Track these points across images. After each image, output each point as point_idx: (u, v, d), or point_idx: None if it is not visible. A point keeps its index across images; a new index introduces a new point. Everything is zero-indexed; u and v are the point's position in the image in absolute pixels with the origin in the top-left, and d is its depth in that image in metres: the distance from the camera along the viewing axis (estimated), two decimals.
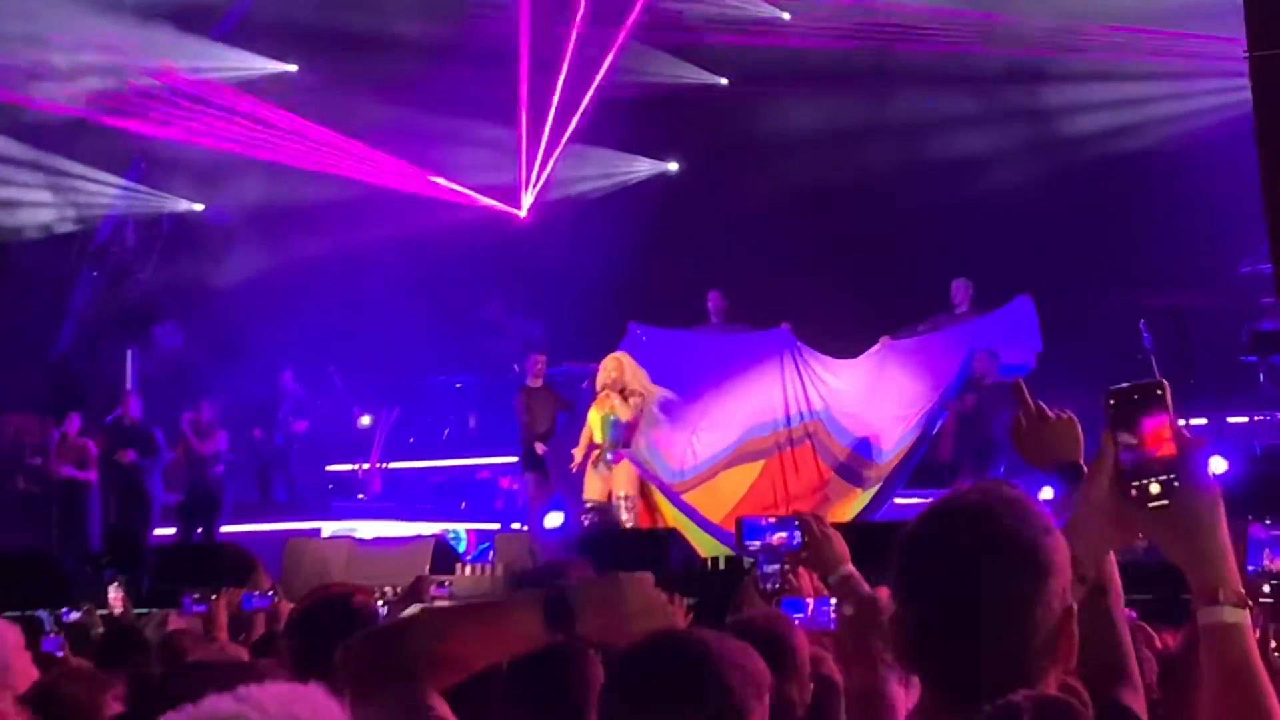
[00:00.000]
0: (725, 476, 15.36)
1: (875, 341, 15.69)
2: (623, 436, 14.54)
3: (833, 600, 4.86)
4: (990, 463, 14.80)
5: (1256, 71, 11.17)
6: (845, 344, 15.99)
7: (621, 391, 14.72)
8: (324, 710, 2.00)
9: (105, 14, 18.24)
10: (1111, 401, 2.32)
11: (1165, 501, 2.23)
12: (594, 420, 14.77)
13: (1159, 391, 2.30)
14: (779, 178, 19.43)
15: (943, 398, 15.11)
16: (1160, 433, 2.26)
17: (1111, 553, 2.67)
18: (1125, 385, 2.34)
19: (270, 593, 7.50)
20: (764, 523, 5.27)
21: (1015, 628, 2.16)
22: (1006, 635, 2.17)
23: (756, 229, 19.08)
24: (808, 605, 4.79)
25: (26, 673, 3.64)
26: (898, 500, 14.79)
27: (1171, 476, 2.23)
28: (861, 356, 15.80)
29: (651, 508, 14.89)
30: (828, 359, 15.94)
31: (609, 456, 14.49)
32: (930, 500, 2.39)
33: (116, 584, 9.26)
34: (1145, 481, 2.24)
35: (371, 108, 19.72)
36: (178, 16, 18.73)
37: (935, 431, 15.25)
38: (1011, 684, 2.13)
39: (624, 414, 14.67)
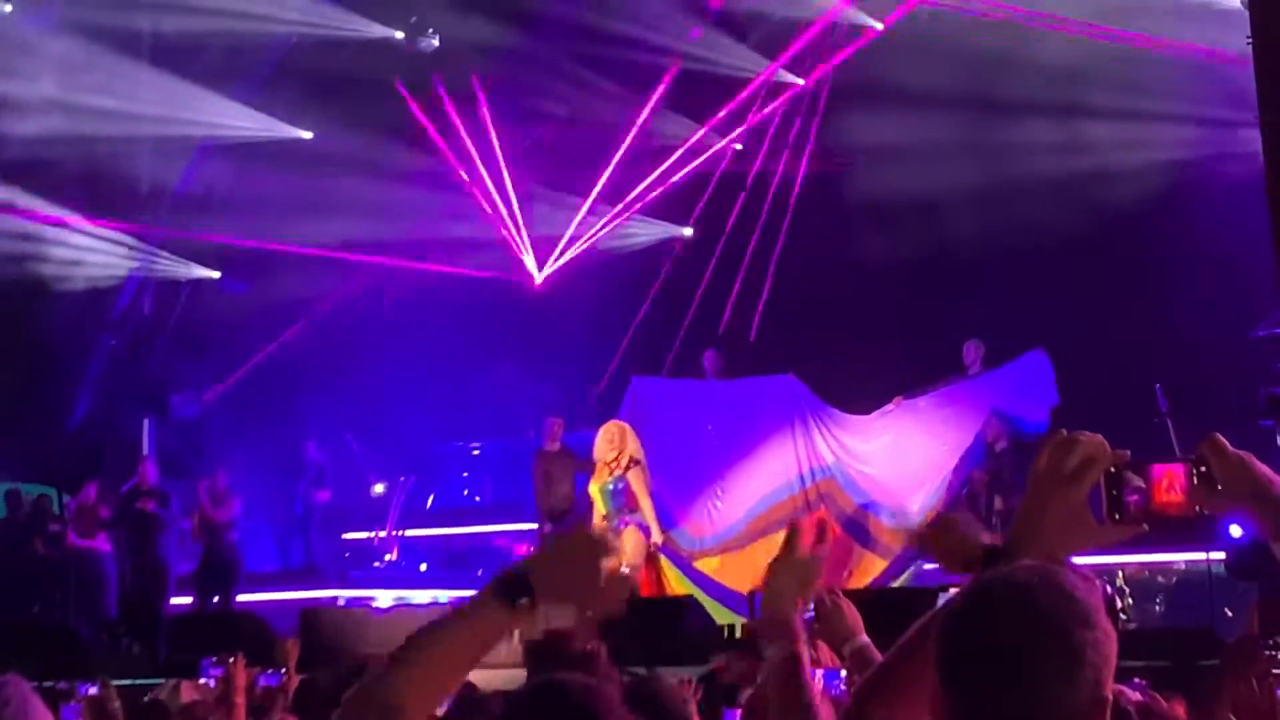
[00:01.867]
0: (747, 552, 15.33)
1: (887, 403, 15.71)
2: (625, 504, 14.54)
3: (843, 672, 4.87)
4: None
5: (1268, 135, 11.23)
6: (856, 410, 16.02)
7: (623, 461, 14.70)
8: None
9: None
10: (1112, 470, 2.50)
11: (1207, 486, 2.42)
12: (594, 492, 14.78)
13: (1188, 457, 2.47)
14: (790, 241, 19.49)
15: (966, 466, 15.04)
16: (1168, 481, 2.44)
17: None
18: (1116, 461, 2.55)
19: (281, 670, 7.50)
20: None
21: (1039, 709, 2.20)
22: (1030, 716, 2.20)
23: (765, 292, 19.14)
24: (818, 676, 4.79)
25: None
26: (928, 566, 14.71)
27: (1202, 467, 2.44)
28: (874, 414, 15.80)
29: (658, 575, 14.88)
30: (838, 413, 15.96)
31: (615, 525, 14.51)
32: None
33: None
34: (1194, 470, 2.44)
35: (389, 176, 19.86)
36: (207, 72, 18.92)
37: (960, 496, 15.16)
38: None
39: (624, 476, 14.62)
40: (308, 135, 20.07)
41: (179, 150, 19.57)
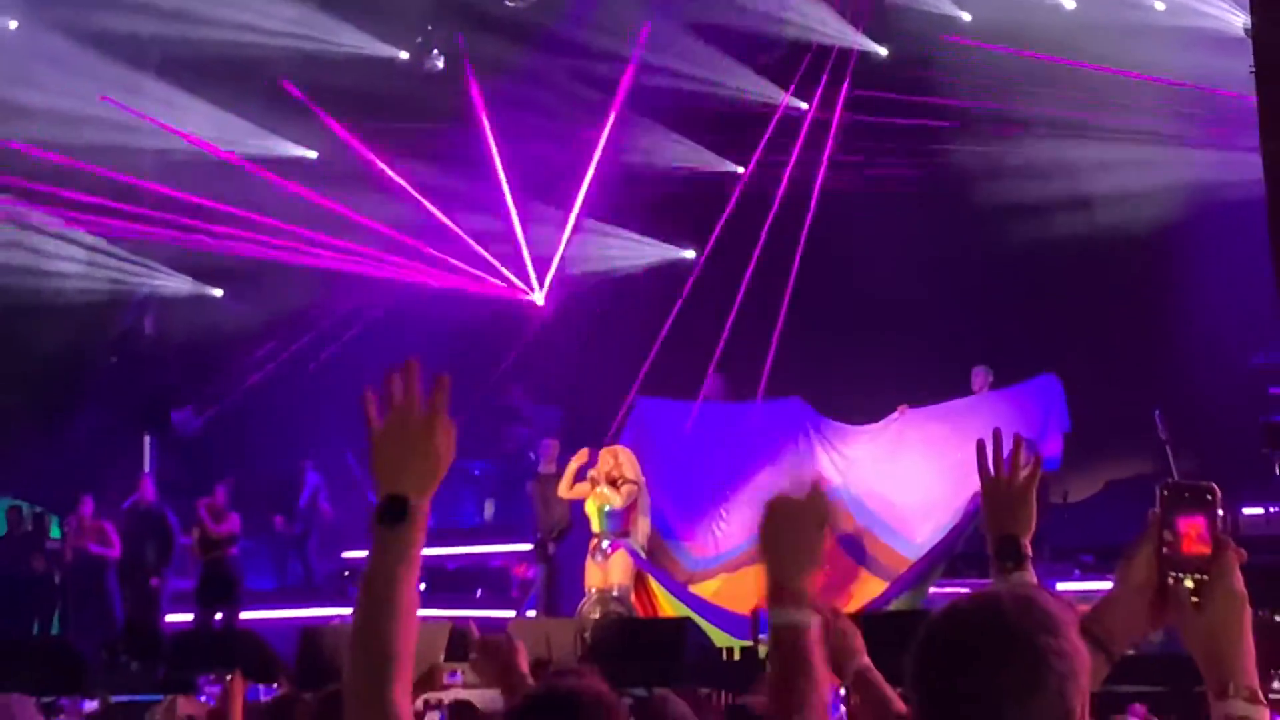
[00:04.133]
0: (750, 572, 15.29)
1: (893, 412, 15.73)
2: (620, 526, 14.59)
3: (842, 691, 4.87)
4: (1035, 553, 14.67)
5: (1269, 163, 11.28)
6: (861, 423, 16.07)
7: (613, 482, 14.79)
8: None
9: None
10: (1165, 493, 2.46)
11: (1197, 598, 2.39)
12: (591, 511, 14.87)
13: (1208, 496, 2.45)
14: (792, 262, 19.51)
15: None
16: (1194, 532, 2.41)
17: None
18: (1179, 481, 2.49)
19: (274, 685, 7.53)
20: None
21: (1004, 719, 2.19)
22: None
23: (770, 315, 19.14)
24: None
25: None
26: (935, 590, 14.68)
27: (1203, 576, 2.39)
28: (879, 424, 15.79)
29: (648, 599, 14.90)
30: (844, 426, 15.95)
31: (605, 545, 14.56)
32: (968, 590, 2.44)
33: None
34: (1181, 575, 2.40)
35: (389, 196, 19.91)
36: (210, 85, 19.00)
37: (968, 523, 15.11)
38: None
39: (616, 502, 14.76)
40: (312, 155, 20.11)
41: (181, 163, 19.55)
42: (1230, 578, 2.40)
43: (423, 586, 18.17)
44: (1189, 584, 2.40)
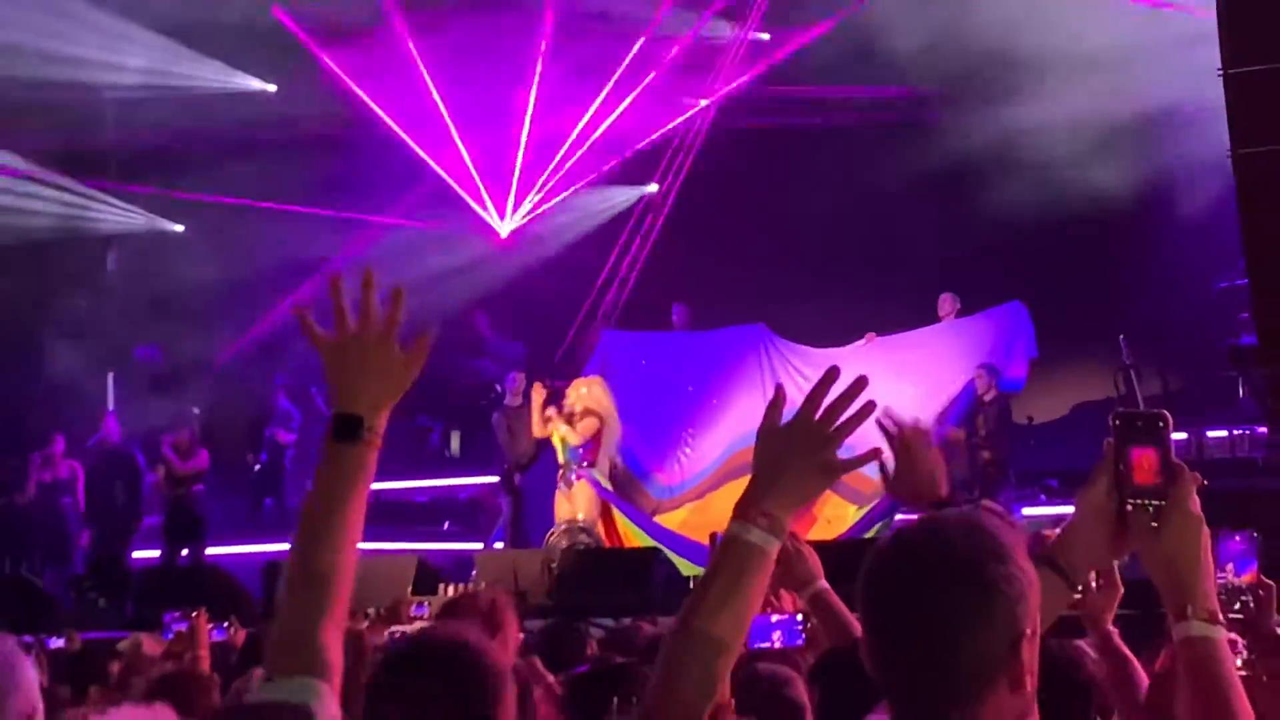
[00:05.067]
0: (716, 497, 15.34)
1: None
2: (583, 457, 14.60)
3: (799, 616, 4.89)
4: (1001, 477, 14.82)
5: (1230, 89, 11.32)
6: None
7: (569, 417, 14.77)
8: None
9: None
10: (1117, 423, 2.49)
11: (1155, 524, 2.45)
12: (555, 440, 14.90)
13: (1160, 424, 2.48)
14: (761, 195, 19.46)
15: (951, 421, 15.02)
16: (1147, 463, 2.45)
17: None
18: (1131, 411, 2.53)
19: (226, 625, 7.57)
20: None
21: (955, 645, 2.18)
22: (946, 652, 2.18)
23: (735, 246, 19.11)
24: (775, 622, 4.81)
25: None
26: (901, 517, 14.74)
27: (1158, 503, 2.44)
28: (846, 348, 15.75)
29: (614, 531, 14.92)
30: (808, 349, 15.92)
31: (571, 476, 14.57)
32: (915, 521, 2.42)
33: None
34: (1139, 502, 2.46)
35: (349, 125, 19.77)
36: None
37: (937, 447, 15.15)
38: (955, 701, 2.19)
39: (573, 439, 14.74)
40: (272, 88, 19.94)
41: (145, 102, 19.35)
42: (1187, 503, 2.45)
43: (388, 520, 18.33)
44: (1148, 510, 2.45)
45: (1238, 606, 3.68)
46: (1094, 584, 3.75)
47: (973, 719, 2.19)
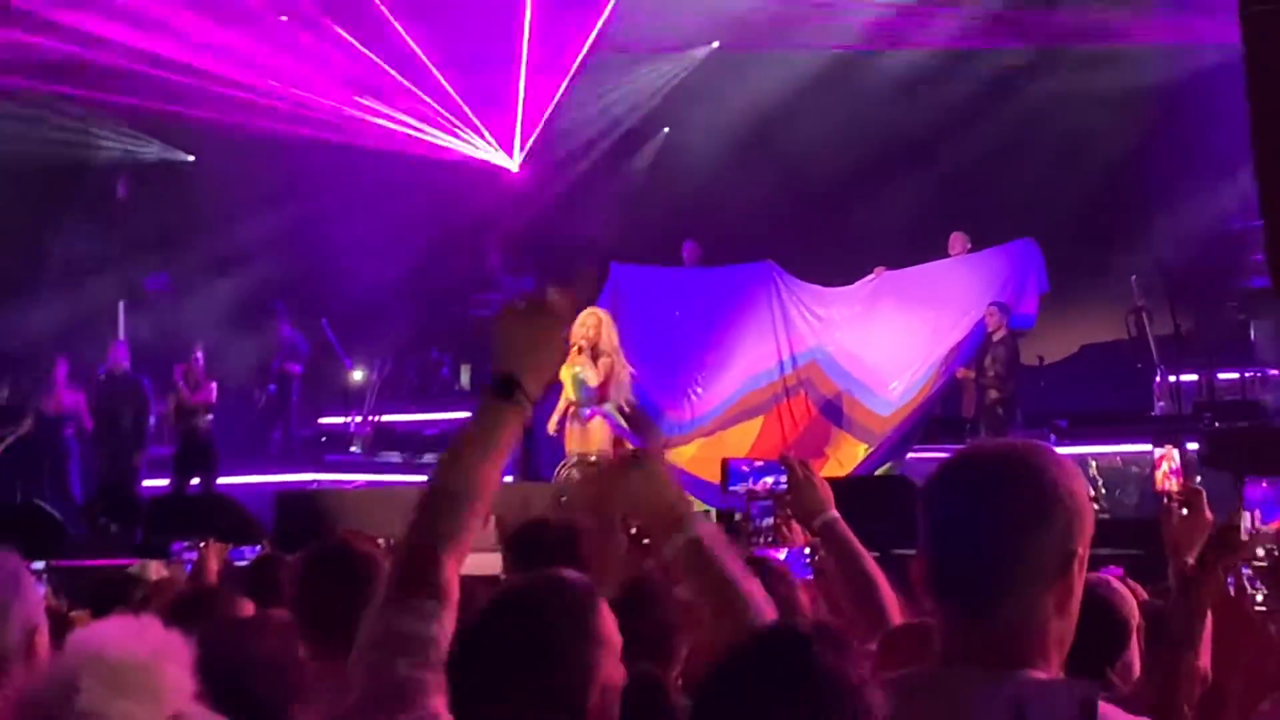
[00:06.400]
0: (727, 435, 15.35)
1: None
2: (593, 396, 14.46)
3: (807, 549, 4.89)
4: (1009, 417, 14.83)
5: (1249, 26, 11.16)
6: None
7: (594, 351, 14.34)
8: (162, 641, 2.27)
9: None
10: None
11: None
12: (565, 376, 14.39)
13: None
14: (769, 132, 19.39)
15: (960, 359, 15.01)
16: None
17: None
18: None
19: (259, 546, 7.55)
20: (748, 467, 5.26)
21: (1014, 547, 2.24)
22: (1003, 551, 2.24)
23: (745, 186, 19.06)
24: (782, 553, 4.82)
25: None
26: (912, 455, 14.77)
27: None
28: (855, 285, 15.73)
29: None
30: (818, 288, 15.87)
31: (585, 413, 14.42)
32: (947, 455, 2.45)
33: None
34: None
35: (358, 57, 19.63)
36: None
37: (946, 385, 15.15)
38: (1002, 603, 2.24)
39: (592, 379, 14.23)
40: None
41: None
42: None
43: (397, 456, 18.33)
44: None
45: (1261, 553, 3.69)
46: (1180, 512, 3.81)
47: (1023, 627, 2.24)
